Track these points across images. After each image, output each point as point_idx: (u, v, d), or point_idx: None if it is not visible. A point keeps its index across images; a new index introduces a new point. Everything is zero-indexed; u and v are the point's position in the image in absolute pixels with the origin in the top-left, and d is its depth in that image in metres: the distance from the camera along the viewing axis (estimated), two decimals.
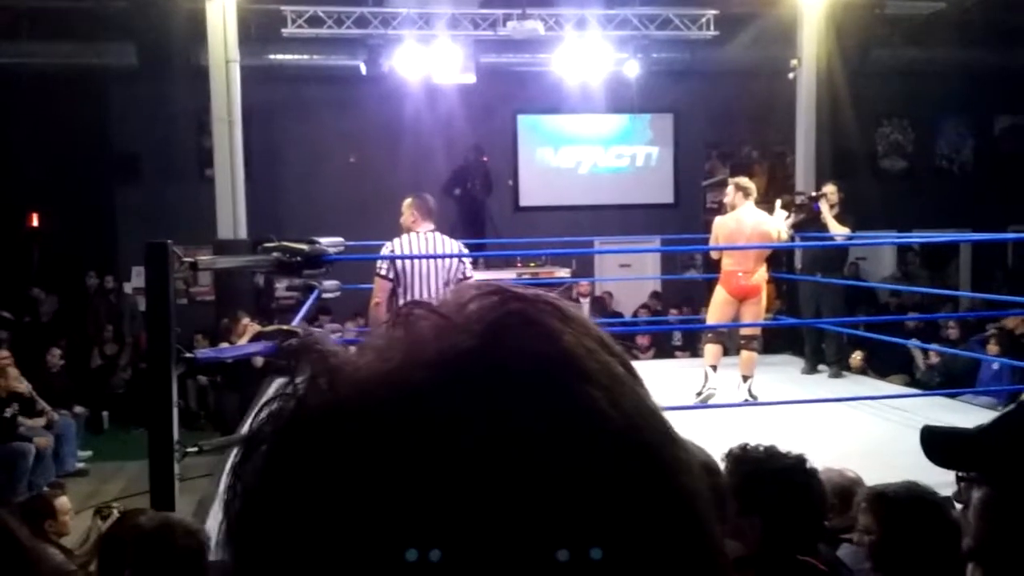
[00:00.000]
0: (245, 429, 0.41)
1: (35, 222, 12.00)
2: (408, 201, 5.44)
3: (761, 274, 6.57)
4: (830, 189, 7.71)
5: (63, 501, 5.13)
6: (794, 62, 10.45)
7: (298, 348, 0.41)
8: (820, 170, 10.16)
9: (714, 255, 6.78)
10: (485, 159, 11.46)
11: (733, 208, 6.55)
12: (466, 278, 5.15)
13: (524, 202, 13.21)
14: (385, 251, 5.32)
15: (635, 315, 11.91)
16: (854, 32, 11.53)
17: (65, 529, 5.07)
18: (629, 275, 13.17)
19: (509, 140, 13.22)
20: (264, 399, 0.40)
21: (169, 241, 3.29)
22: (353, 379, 0.38)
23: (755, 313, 6.54)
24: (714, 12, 10.81)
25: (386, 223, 7.86)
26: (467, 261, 5.34)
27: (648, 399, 0.40)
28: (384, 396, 0.37)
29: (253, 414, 0.40)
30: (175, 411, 3.23)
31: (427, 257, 5.19)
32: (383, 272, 5.17)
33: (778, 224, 6.70)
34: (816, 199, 7.64)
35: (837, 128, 11.88)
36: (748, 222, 6.46)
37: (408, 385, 0.37)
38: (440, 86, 11.29)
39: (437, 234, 5.33)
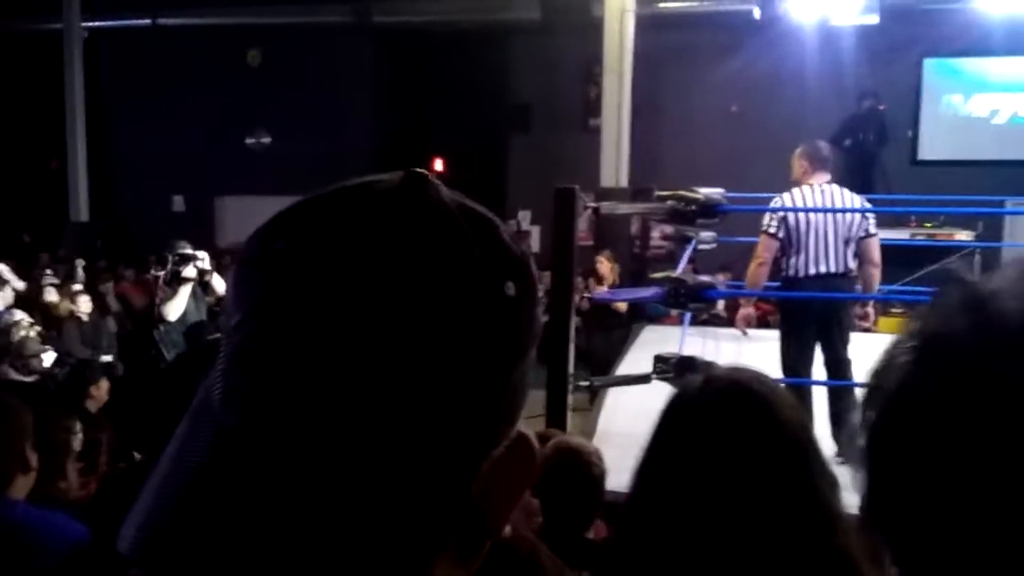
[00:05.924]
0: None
1: (438, 168, 13.21)
2: (798, 150, 4.88)
3: None
4: None
5: None
6: None
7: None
8: None
9: None
10: (881, 107, 10.53)
11: None
12: (869, 236, 4.68)
13: (924, 155, 11.98)
14: (774, 206, 4.82)
15: None
16: None
17: None
18: None
19: (910, 86, 12.00)
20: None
21: (576, 187, 3.38)
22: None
23: None
24: None
25: (766, 174, 7.53)
26: (871, 217, 4.73)
27: None
28: None
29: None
30: (571, 348, 3.37)
31: (824, 211, 4.64)
32: (772, 230, 4.74)
33: None
34: None
35: None
36: None
37: None
38: (836, 29, 10.53)
39: (835, 187, 4.74)
